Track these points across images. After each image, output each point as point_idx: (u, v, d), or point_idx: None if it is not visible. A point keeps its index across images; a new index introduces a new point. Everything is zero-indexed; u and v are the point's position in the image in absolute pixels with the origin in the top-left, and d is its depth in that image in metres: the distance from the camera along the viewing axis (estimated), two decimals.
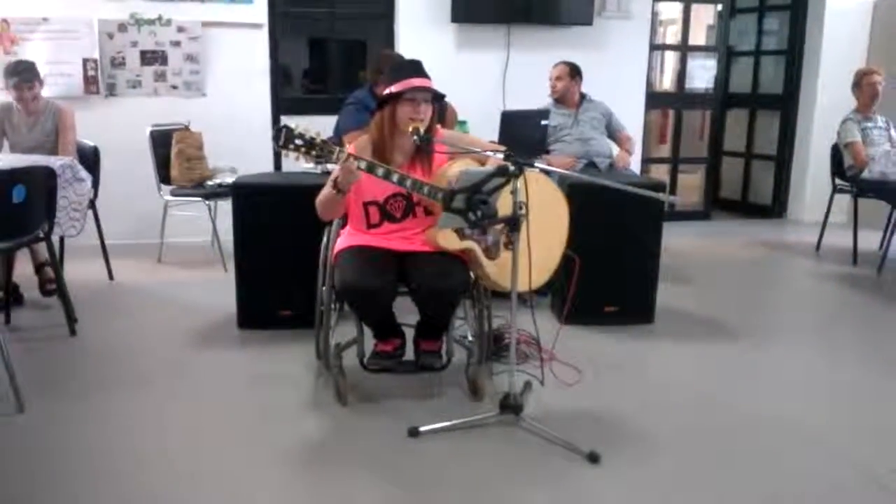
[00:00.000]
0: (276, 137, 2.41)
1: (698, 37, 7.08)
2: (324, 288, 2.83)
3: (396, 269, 2.60)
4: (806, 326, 3.89)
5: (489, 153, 2.65)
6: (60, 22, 4.94)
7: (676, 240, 5.18)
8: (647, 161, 6.48)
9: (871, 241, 5.08)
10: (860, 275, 4.72)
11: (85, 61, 5.02)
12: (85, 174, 3.70)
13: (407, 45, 5.33)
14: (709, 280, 4.63)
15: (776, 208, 6.73)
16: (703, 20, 7.16)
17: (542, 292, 3.58)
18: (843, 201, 5.39)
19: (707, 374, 3.13)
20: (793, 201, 6.63)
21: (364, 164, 2.49)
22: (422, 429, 2.47)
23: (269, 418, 2.65)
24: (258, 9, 5.20)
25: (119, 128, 4.82)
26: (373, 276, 2.51)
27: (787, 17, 6.51)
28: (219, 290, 3.96)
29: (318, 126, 2.50)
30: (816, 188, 6.09)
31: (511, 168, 2.35)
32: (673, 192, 6.37)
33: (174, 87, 5.18)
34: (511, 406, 2.50)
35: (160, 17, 5.06)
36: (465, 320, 3.20)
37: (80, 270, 4.24)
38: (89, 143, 4.29)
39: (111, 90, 5.11)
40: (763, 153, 6.82)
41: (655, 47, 6.51)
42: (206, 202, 4.65)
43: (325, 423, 2.60)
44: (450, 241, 2.57)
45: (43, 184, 3.25)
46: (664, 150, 6.96)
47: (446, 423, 2.50)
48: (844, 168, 5.04)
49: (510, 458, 2.38)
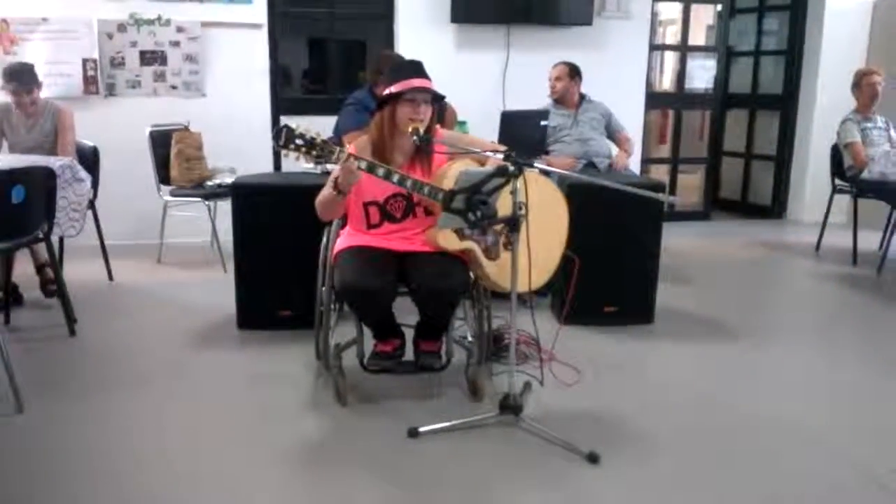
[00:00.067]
0: (276, 137, 2.41)
1: (698, 37, 7.08)
2: (323, 288, 2.82)
3: (396, 269, 2.60)
4: (806, 327, 3.89)
5: (489, 153, 2.65)
6: (60, 22, 4.94)
7: (676, 240, 5.19)
8: (646, 161, 6.48)
9: (870, 241, 5.08)
10: (860, 275, 4.72)
11: (84, 61, 5.02)
12: (84, 174, 3.70)
13: (406, 45, 5.33)
14: (708, 280, 4.63)
15: (776, 208, 6.73)
16: (703, 20, 7.17)
17: (541, 293, 3.58)
18: (843, 201, 5.40)
19: (707, 374, 3.12)
20: (792, 201, 6.63)
21: (364, 165, 2.49)
22: (421, 429, 2.47)
23: (269, 419, 2.65)
24: (258, 9, 5.20)
25: (118, 128, 4.82)
26: (372, 277, 2.51)
27: (787, 17, 6.51)
28: (218, 291, 3.97)
29: (318, 126, 2.50)
30: (816, 188, 6.10)
31: (510, 168, 2.35)
32: (672, 192, 6.37)
33: (173, 88, 5.18)
34: (511, 406, 2.50)
35: (159, 18, 5.06)
36: (464, 321, 3.20)
37: (79, 271, 4.24)
38: (89, 143, 4.29)
39: (110, 90, 5.11)
40: (763, 153, 6.82)
41: (655, 47, 6.51)
42: (206, 202, 4.65)
43: (325, 424, 2.60)
44: (449, 241, 2.57)
45: (42, 184, 3.24)
46: (664, 151, 6.96)
47: (446, 424, 2.50)
48: (844, 168, 5.04)
49: (510, 458, 2.38)
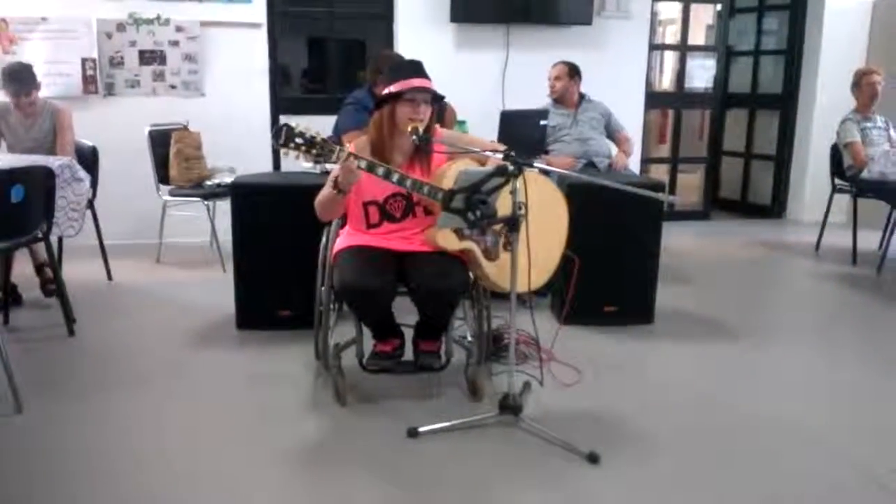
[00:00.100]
0: (276, 135, 2.40)
1: (698, 36, 7.08)
2: (323, 288, 2.82)
3: (396, 269, 2.60)
4: (805, 326, 3.89)
5: (488, 153, 2.65)
6: (59, 21, 4.94)
7: (676, 240, 5.19)
8: (646, 161, 6.48)
9: (870, 241, 5.08)
10: (859, 275, 4.72)
11: (83, 61, 5.02)
12: (83, 174, 3.70)
13: (406, 44, 5.33)
14: (708, 280, 4.63)
15: (775, 208, 6.73)
16: (703, 20, 7.17)
17: (541, 293, 3.58)
18: (843, 201, 5.39)
19: (706, 374, 3.12)
20: (792, 201, 6.63)
21: (364, 164, 2.49)
22: (421, 429, 2.47)
23: (268, 418, 2.64)
24: (257, 8, 5.20)
25: (117, 127, 4.81)
26: (372, 276, 2.50)
27: (787, 16, 6.51)
28: (217, 291, 3.96)
29: (318, 126, 2.49)
30: (816, 188, 6.09)
31: (510, 168, 2.34)
32: (672, 191, 6.37)
33: (173, 87, 5.17)
34: (510, 406, 2.50)
35: (159, 17, 5.06)
36: (464, 320, 3.20)
37: (78, 270, 4.24)
38: (88, 142, 4.28)
39: (110, 90, 5.11)
40: (762, 153, 6.81)
41: (655, 47, 6.51)
42: (205, 202, 4.64)
43: (324, 424, 2.60)
44: (449, 241, 2.56)
45: (41, 184, 3.24)
46: (663, 150, 6.96)
47: (445, 424, 2.50)
48: (844, 168, 5.04)
49: (509, 458, 2.38)
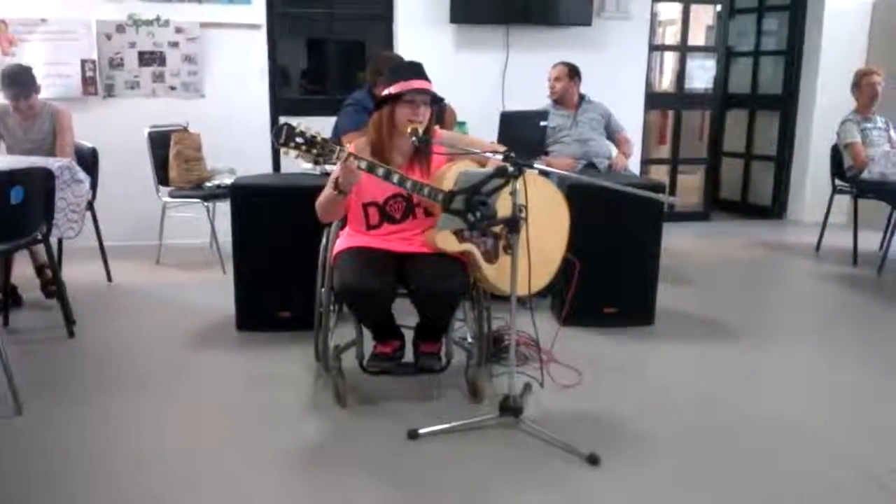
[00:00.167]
0: (276, 135, 2.41)
1: (697, 37, 7.08)
2: (323, 289, 2.82)
3: (396, 270, 2.59)
4: (806, 327, 3.88)
5: (488, 154, 2.64)
6: (58, 23, 4.93)
7: (676, 241, 5.18)
8: (646, 162, 6.48)
9: (870, 241, 5.08)
10: (860, 275, 4.71)
11: (83, 62, 5.01)
12: (83, 175, 3.70)
13: (405, 45, 5.33)
14: (709, 281, 4.62)
15: (776, 209, 6.73)
16: (703, 20, 7.17)
17: (541, 294, 3.57)
18: (843, 202, 5.39)
19: (707, 375, 3.12)
20: (792, 202, 6.63)
21: (364, 164, 2.48)
22: (421, 431, 2.46)
23: (268, 420, 2.64)
24: (256, 9, 5.20)
25: (117, 129, 4.81)
26: (372, 278, 2.50)
27: (787, 17, 6.51)
28: (217, 292, 3.96)
29: (317, 127, 2.49)
30: (816, 189, 6.09)
31: (510, 169, 2.34)
32: (672, 192, 6.36)
33: (172, 88, 5.17)
34: (510, 408, 2.49)
35: (158, 18, 5.06)
36: (464, 322, 3.20)
37: (78, 272, 4.24)
38: (87, 144, 4.28)
39: (109, 91, 5.10)
40: (763, 154, 6.81)
41: (655, 48, 6.51)
42: (205, 203, 4.63)
43: (324, 425, 2.59)
44: (449, 243, 2.56)
45: (41, 185, 3.24)
46: (664, 151, 6.96)
47: (445, 426, 2.50)
48: (844, 169, 5.03)
49: (509, 460, 2.38)
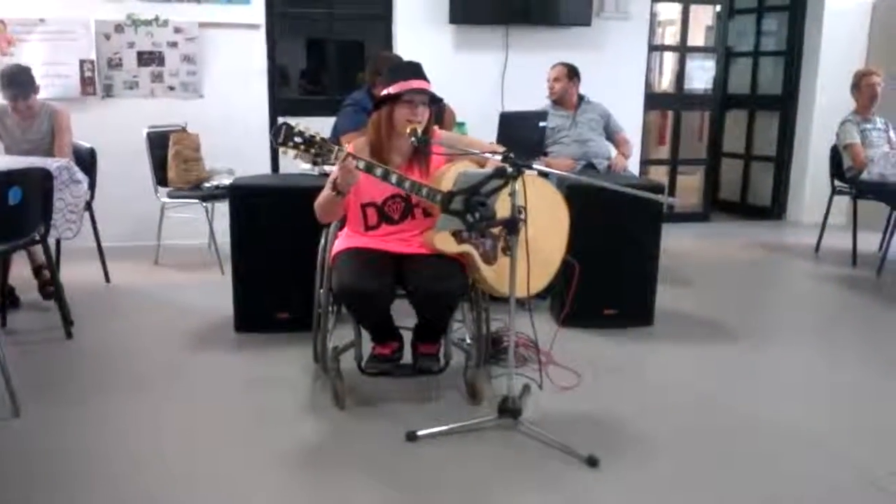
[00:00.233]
0: (275, 134, 2.40)
1: (697, 37, 7.08)
2: (321, 290, 2.81)
3: (394, 271, 2.59)
4: (805, 328, 3.88)
5: (487, 155, 2.64)
6: (57, 23, 4.92)
7: (675, 241, 5.18)
8: (646, 162, 6.48)
9: (870, 242, 5.07)
10: (859, 276, 4.71)
11: (82, 62, 5.01)
12: (81, 176, 3.69)
13: (405, 46, 5.33)
14: (708, 282, 4.62)
15: (775, 210, 6.72)
16: (702, 21, 7.17)
17: (541, 296, 3.56)
18: (843, 203, 5.39)
19: (706, 376, 3.11)
20: (792, 203, 6.63)
21: (363, 164, 2.48)
22: (420, 432, 2.46)
23: (266, 421, 2.63)
24: (255, 9, 5.19)
25: (116, 129, 4.80)
26: (370, 279, 2.49)
27: (786, 17, 6.51)
28: (216, 293, 3.96)
29: (316, 127, 2.48)
30: (815, 189, 6.09)
31: (509, 170, 2.33)
32: (672, 193, 6.37)
33: (171, 89, 5.16)
34: (509, 409, 2.49)
35: (157, 18, 5.05)
36: (463, 323, 3.19)
37: (76, 273, 4.23)
38: (86, 144, 4.27)
39: (108, 91, 5.10)
40: (762, 154, 6.81)
41: (654, 48, 6.51)
42: (203, 204, 4.63)
43: (323, 427, 2.59)
44: (447, 244, 2.55)
45: (39, 186, 3.23)
46: (663, 152, 6.96)
47: (444, 427, 2.49)
48: (843, 169, 5.03)
49: (508, 461, 2.37)
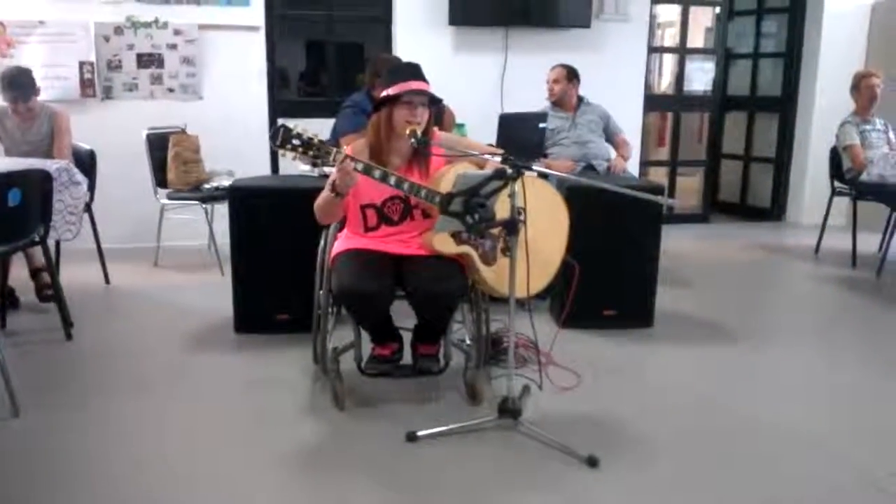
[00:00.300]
0: (273, 136, 2.40)
1: (696, 39, 7.09)
2: (321, 291, 2.81)
3: (394, 272, 2.59)
4: (805, 329, 3.88)
5: (487, 156, 2.64)
6: (56, 25, 4.93)
7: (675, 243, 5.17)
8: (645, 164, 6.48)
9: (870, 243, 5.07)
10: (859, 277, 4.71)
11: (81, 64, 5.01)
12: (81, 177, 3.69)
13: (404, 47, 5.33)
14: (708, 283, 4.62)
15: (775, 211, 6.72)
16: (702, 22, 7.18)
17: (541, 296, 3.56)
18: (842, 204, 5.39)
19: (706, 377, 3.11)
20: (791, 204, 6.63)
21: (361, 166, 2.48)
22: (419, 433, 2.46)
23: (266, 422, 2.63)
24: (255, 11, 5.19)
25: (115, 131, 4.80)
26: (370, 280, 2.49)
27: (786, 19, 6.52)
28: (215, 294, 3.96)
29: (315, 129, 2.48)
30: (815, 191, 6.09)
31: (509, 171, 2.33)
32: (671, 195, 6.36)
33: (171, 90, 5.17)
34: (509, 410, 2.48)
35: (157, 20, 5.05)
36: (462, 324, 3.19)
37: (76, 274, 4.22)
38: (85, 146, 4.28)
39: (107, 93, 5.10)
40: (762, 156, 6.81)
41: (654, 50, 6.52)
42: (203, 205, 4.63)
43: (323, 428, 2.58)
44: (446, 245, 2.55)
45: (39, 187, 3.23)
46: (663, 153, 6.96)
47: (444, 428, 2.49)
48: (843, 171, 5.03)
49: (508, 462, 2.37)
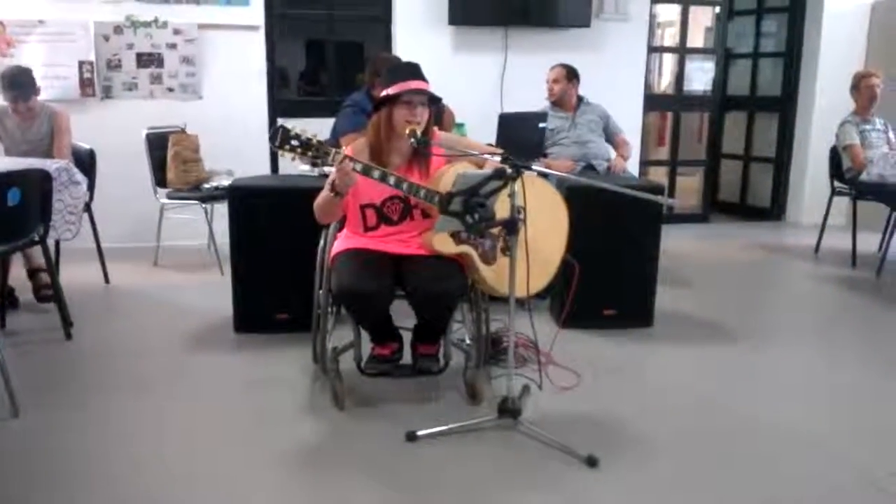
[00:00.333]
0: (272, 138, 2.40)
1: (696, 39, 7.09)
2: (320, 291, 2.81)
3: (393, 272, 2.58)
4: (805, 329, 3.88)
5: (487, 156, 2.64)
6: (56, 24, 4.93)
7: (675, 242, 5.17)
8: (645, 164, 6.48)
9: (869, 243, 5.07)
10: (859, 277, 4.71)
11: (81, 64, 5.01)
12: (80, 177, 3.69)
13: (404, 47, 5.33)
14: (708, 283, 4.62)
15: (775, 211, 6.72)
16: (702, 22, 7.18)
17: (540, 296, 3.56)
18: (842, 203, 5.39)
19: (706, 377, 3.11)
20: (791, 204, 6.63)
21: (360, 167, 2.47)
22: (419, 433, 2.46)
23: (266, 422, 2.63)
24: (255, 11, 5.19)
25: (115, 130, 4.80)
26: (369, 280, 2.49)
27: (786, 19, 6.52)
28: (215, 294, 3.95)
29: (315, 128, 2.48)
30: (815, 190, 6.09)
31: (508, 171, 2.33)
32: (671, 194, 6.36)
33: (170, 90, 5.16)
34: (509, 410, 2.48)
35: (156, 20, 5.05)
36: (462, 323, 3.19)
37: (75, 274, 4.22)
38: (85, 145, 4.28)
39: (107, 93, 5.10)
40: (761, 155, 6.81)
41: (653, 49, 6.52)
42: (203, 205, 4.62)
43: (322, 427, 2.58)
44: (446, 245, 2.55)
45: (38, 187, 3.23)
46: (662, 153, 6.96)
47: (444, 427, 2.49)
48: (843, 170, 5.03)
49: (508, 462, 2.37)
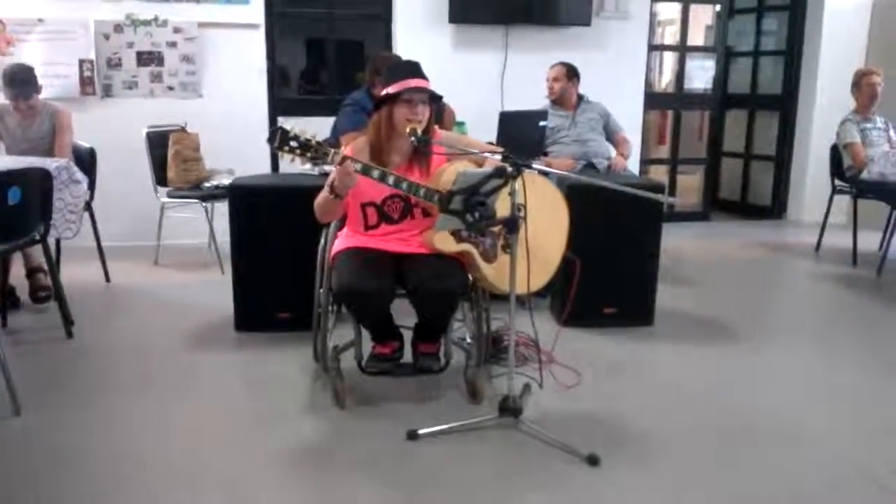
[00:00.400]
0: (271, 139, 2.39)
1: (697, 37, 7.08)
2: (321, 290, 2.81)
3: (394, 270, 2.58)
4: (805, 327, 3.88)
5: (487, 155, 2.64)
6: (56, 23, 4.92)
7: (675, 241, 5.17)
8: (645, 162, 6.48)
9: (870, 241, 5.07)
10: (860, 276, 4.71)
11: (81, 62, 5.00)
12: (81, 176, 3.69)
13: (404, 45, 5.33)
14: (708, 281, 4.62)
15: (775, 209, 6.72)
16: (702, 20, 7.17)
17: (541, 294, 3.56)
18: (843, 202, 5.39)
19: (706, 375, 3.11)
20: (792, 202, 6.63)
21: (360, 167, 2.47)
22: (420, 431, 2.46)
23: (267, 421, 2.63)
24: (255, 9, 5.19)
25: (115, 129, 4.80)
26: (370, 278, 2.49)
27: (786, 17, 6.51)
28: (216, 292, 3.95)
29: (315, 127, 2.48)
30: (816, 189, 6.09)
31: (509, 169, 2.33)
32: (672, 193, 6.37)
33: (170, 88, 5.16)
34: (510, 409, 2.49)
35: (156, 18, 5.05)
36: (463, 322, 3.19)
37: (76, 272, 4.22)
38: (85, 144, 4.28)
39: (107, 91, 5.09)
40: (762, 154, 6.81)
41: (654, 48, 6.51)
42: (203, 204, 4.62)
43: (323, 426, 2.58)
44: (447, 244, 2.55)
45: (39, 185, 3.23)
46: (663, 151, 6.96)
47: (445, 426, 2.49)
48: (844, 169, 5.03)
49: (509, 460, 2.37)
